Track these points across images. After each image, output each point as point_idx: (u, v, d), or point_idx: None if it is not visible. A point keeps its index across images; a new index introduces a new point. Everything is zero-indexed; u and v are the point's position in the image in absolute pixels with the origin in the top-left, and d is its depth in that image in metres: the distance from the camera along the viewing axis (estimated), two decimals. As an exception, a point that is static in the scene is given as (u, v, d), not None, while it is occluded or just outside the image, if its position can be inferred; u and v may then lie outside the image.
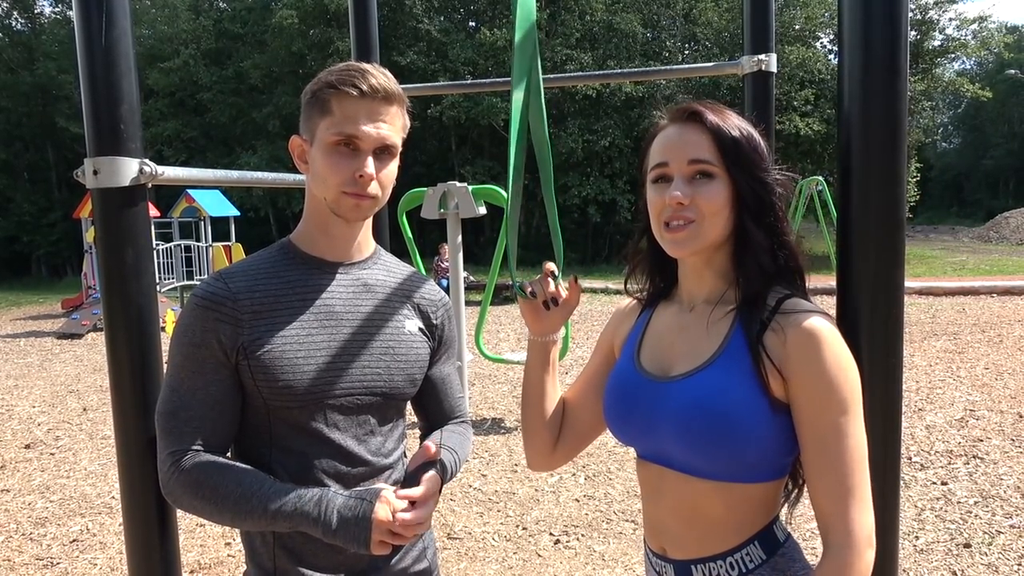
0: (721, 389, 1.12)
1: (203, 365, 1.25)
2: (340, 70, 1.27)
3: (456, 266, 5.80)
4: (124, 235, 1.50)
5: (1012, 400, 6.46)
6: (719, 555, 1.17)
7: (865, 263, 1.08)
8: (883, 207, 1.06)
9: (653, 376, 1.22)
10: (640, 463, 1.28)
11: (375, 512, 1.19)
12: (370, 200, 1.29)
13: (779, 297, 1.16)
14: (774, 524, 1.20)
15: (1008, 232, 32.03)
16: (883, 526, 1.12)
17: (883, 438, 1.11)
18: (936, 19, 28.01)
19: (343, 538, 1.19)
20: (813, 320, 1.10)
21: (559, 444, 1.41)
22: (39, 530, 4.38)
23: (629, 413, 1.23)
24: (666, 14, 27.10)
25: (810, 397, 1.08)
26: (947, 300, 13.32)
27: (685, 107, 1.20)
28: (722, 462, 1.13)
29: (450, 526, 4.23)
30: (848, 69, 1.07)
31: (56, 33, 32.04)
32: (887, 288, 1.07)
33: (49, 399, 7.87)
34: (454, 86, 2.73)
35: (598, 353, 1.43)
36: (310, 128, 1.30)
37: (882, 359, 1.09)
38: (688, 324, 1.23)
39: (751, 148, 1.17)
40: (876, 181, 1.06)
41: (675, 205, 1.15)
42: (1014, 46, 42.26)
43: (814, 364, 1.08)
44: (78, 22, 1.46)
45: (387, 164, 1.30)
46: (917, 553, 3.68)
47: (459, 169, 26.09)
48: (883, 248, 1.06)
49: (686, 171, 1.16)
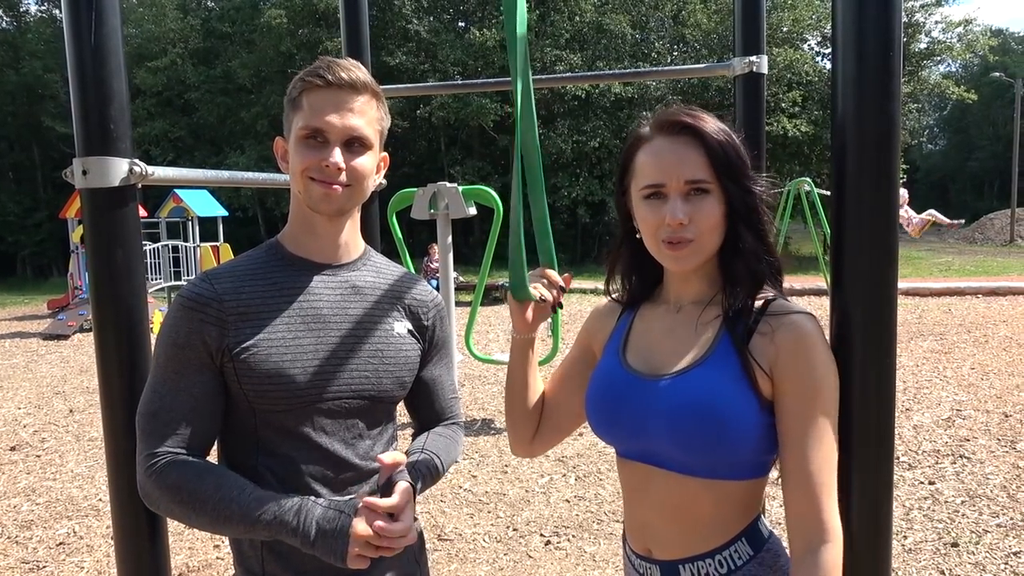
0: (713, 388, 1.13)
1: (187, 366, 1.24)
2: (312, 65, 1.28)
3: (446, 266, 5.80)
4: (114, 235, 1.48)
5: (998, 400, 6.51)
6: (707, 553, 1.18)
7: (859, 262, 1.09)
8: (877, 207, 1.06)
9: (642, 375, 1.23)
10: (624, 462, 1.27)
11: (353, 526, 1.16)
12: (342, 190, 1.27)
13: (766, 298, 1.18)
14: (758, 521, 1.22)
15: (993, 233, 32.35)
16: (876, 526, 1.13)
17: (877, 438, 1.11)
18: (922, 22, 28.27)
19: (321, 550, 1.17)
20: (801, 321, 1.13)
21: (537, 436, 1.44)
22: (24, 533, 4.33)
23: (617, 412, 1.23)
24: (655, 15, 27.21)
25: (797, 396, 1.11)
26: (933, 301, 13.43)
27: (673, 119, 1.19)
28: (712, 460, 1.14)
29: (440, 527, 4.22)
30: (841, 70, 1.07)
31: (42, 32, 31.81)
32: (881, 287, 1.08)
33: (35, 400, 7.80)
34: (443, 86, 2.73)
35: (577, 349, 1.43)
36: (287, 126, 1.31)
37: (876, 358, 1.09)
38: (676, 324, 1.24)
39: (738, 158, 1.18)
40: (870, 181, 1.06)
41: (676, 226, 1.15)
42: (998, 49, 42.66)
43: (802, 365, 1.11)
44: (67, 20, 1.44)
45: (359, 155, 1.28)
46: (905, 552, 3.70)
47: (449, 169, 26.08)
48: (877, 247, 1.07)
49: (682, 189, 1.16)
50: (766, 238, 1.20)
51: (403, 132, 25.63)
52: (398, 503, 1.20)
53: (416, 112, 25.19)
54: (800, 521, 1.10)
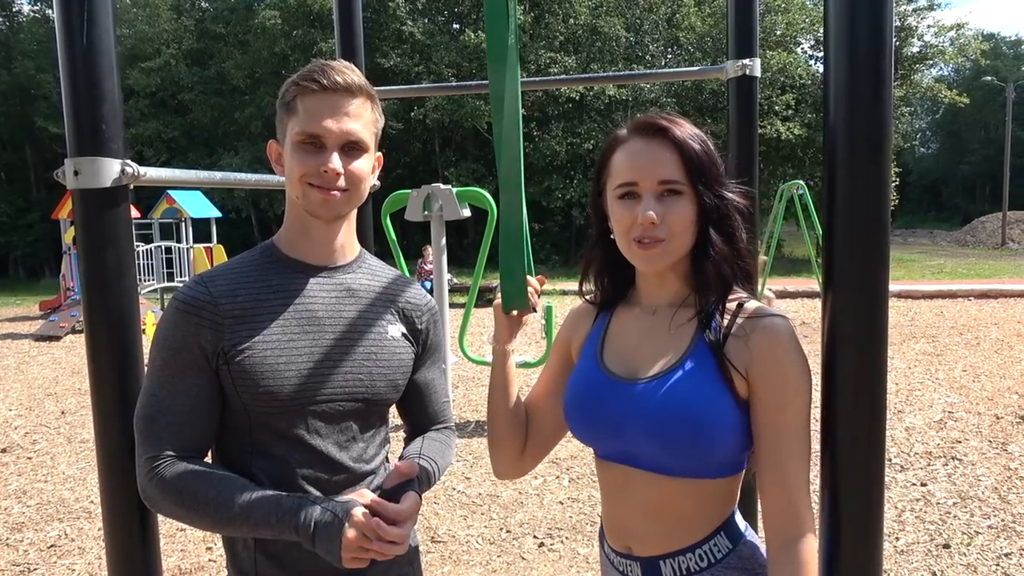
0: (691, 390, 1.15)
1: (183, 369, 1.24)
2: (305, 69, 1.28)
3: (440, 268, 5.79)
4: (105, 236, 1.47)
5: (989, 402, 6.54)
6: (688, 548, 1.21)
7: (851, 265, 1.09)
8: (868, 211, 1.07)
9: (620, 377, 1.24)
10: (603, 463, 1.28)
11: (345, 532, 1.16)
12: (340, 195, 1.27)
13: (739, 300, 1.21)
14: (735, 515, 1.25)
15: (984, 236, 32.52)
16: (867, 530, 1.13)
17: (868, 439, 1.12)
18: (915, 26, 28.43)
19: (321, 549, 1.18)
20: (775, 324, 1.16)
21: (525, 451, 1.41)
22: (15, 535, 4.31)
23: (596, 414, 1.24)
24: (649, 18, 27.27)
25: (772, 398, 1.14)
26: (925, 303, 13.49)
27: (649, 121, 1.21)
28: (693, 460, 1.16)
29: (434, 529, 4.21)
30: (833, 75, 1.08)
31: (35, 32, 31.70)
32: (872, 289, 1.08)
33: (26, 402, 7.76)
34: (438, 88, 2.74)
35: (557, 356, 1.43)
36: (282, 130, 1.30)
37: (867, 360, 1.10)
38: (651, 327, 1.25)
39: (711, 162, 1.20)
40: (862, 184, 1.07)
41: (648, 224, 1.16)
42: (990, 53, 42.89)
43: (777, 365, 1.14)
44: (59, 20, 1.43)
45: (356, 159, 1.28)
46: (898, 554, 3.71)
47: (443, 171, 26.07)
48: (868, 250, 1.08)
49: (656, 189, 1.18)
50: (737, 242, 1.22)
51: (397, 134, 25.62)
52: (404, 510, 1.21)
53: (410, 114, 25.18)
54: (776, 517, 1.13)
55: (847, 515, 1.13)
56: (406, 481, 1.26)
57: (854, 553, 1.13)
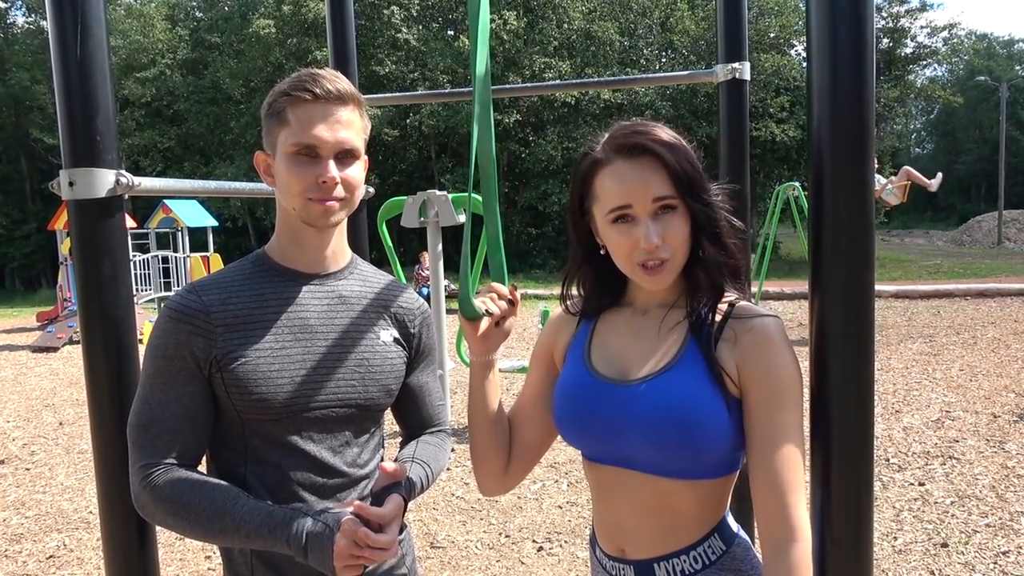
0: (685, 392, 1.15)
1: (175, 378, 1.24)
2: (292, 78, 1.28)
3: (437, 274, 5.80)
4: (101, 247, 1.48)
5: (986, 401, 6.56)
6: (682, 550, 1.21)
7: (836, 265, 1.11)
8: (852, 209, 1.08)
9: (610, 380, 1.23)
10: (592, 466, 1.27)
11: (336, 543, 1.16)
12: (338, 203, 1.28)
13: (730, 301, 1.21)
14: (727, 516, 1.25)
15: (980, 236, 32.59)
16: (856, 529, 1.14)
17: (857, 439, 1.13)
18: (907, 27, 28.54)
19: (313, 560, 1.18)
20: (765, 324, 1.16)
21: (511, 464, 1.37)
22: (14, 547, 4.30)
23: (589, 418, 1.23)
24: (643, 23, 27.37)
25: (763, 399, 1.13)
26: (922, 303, 13.52)
27: (630, 142, 1.18)
28: (687, 461, 1.16)
29: (433, 535, 4.21)
30: (816, 77, 1.09)
31: (29, 43, 31.71)
32: (858, 289, 1.10)
33: (24, 413, 7.75)
34: (433, 95, 2.75)
35: (538, 366, 1.40)
36: (271, 141, 1.30)
37: (854, 359, 1.11)
38: (642, 328, 1.25)
39: (695, 170, 1.19)
40: (845, 185, 1.08)
41: (652, 249, 1.16)
42: (984, 53, 43.08)
43: (768, 366, 1.13)
44: (52, 33, 1.45)
45: (350, 166, 1.29)
46: (896, 553, 3.72)
47: (439, 178, 26.09)
48: (853, 249, 1.09)
49: (651, 208, 1.17)
50: (726, 246, 1.22)
51: (393, 140, 25.64)
52: (386, 513, 1.19)
53: (406, 121, 25.22)
54: (769, 521, 1.11)
55: (837, 515, 1.14)
56: (393, 483, 1.25)
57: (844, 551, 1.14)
